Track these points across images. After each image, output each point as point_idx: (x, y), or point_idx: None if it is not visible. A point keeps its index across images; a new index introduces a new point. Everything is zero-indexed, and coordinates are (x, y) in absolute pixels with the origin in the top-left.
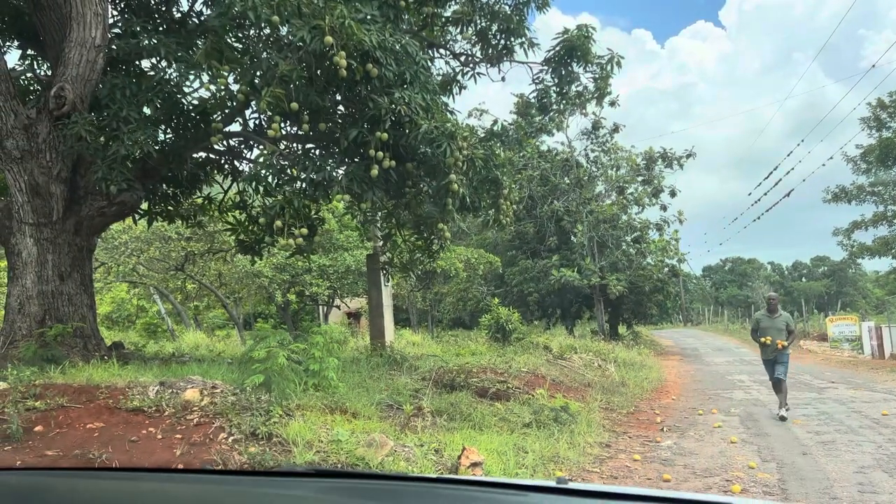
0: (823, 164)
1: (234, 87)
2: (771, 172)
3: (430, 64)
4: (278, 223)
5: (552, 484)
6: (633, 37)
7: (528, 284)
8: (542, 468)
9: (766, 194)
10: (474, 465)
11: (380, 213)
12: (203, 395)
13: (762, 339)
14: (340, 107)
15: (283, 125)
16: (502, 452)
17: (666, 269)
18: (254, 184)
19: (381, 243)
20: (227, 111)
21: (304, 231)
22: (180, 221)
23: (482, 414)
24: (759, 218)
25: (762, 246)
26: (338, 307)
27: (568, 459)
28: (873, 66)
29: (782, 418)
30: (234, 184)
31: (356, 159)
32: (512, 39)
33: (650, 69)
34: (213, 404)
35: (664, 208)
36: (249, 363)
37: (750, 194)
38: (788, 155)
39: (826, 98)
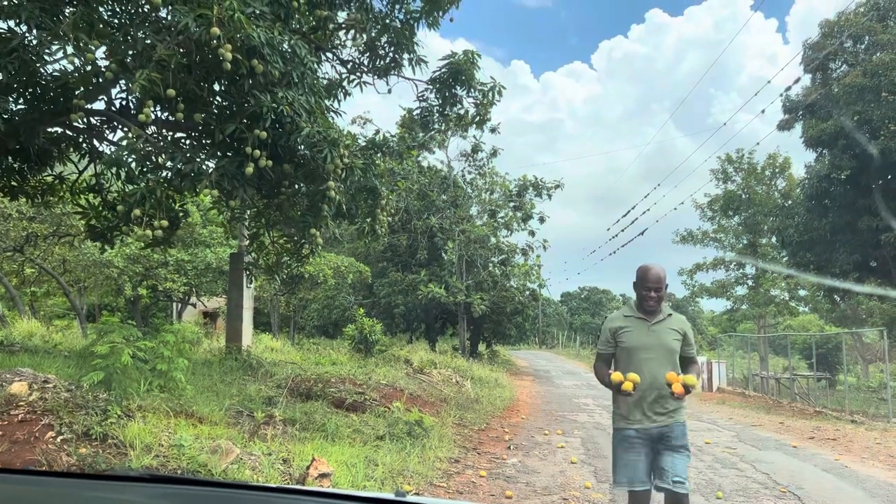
0: (675, 209)
1: (103, 63)
2: (628, 211)
3: (317, 67)
4: (137, 212)
5: (391, 496)
6: (510, 68)
7: (395, 297)
8: (391, 481)
9: (622, 231)
10: (322, 475)
11: (249, 212)
12: (32, 390)
13: (617, 381)
14: (219, 98)
15: (154, 110)
16: (352, 464)
17: (527, 292)
18: (114, 168)
19: (247, 242)
20: (91, 87)
21: (165, 223)
22: (24, 199)
23: (336, 425)
24: (615, 252)
25: (616, 278)
26: (193, 305)
27: (417, 473)
28: (724, 124)
29: None
30: (92, 165)
31: (230, 154)
32: (400, 54)
33: (523, 101)
34: (44, 400)
35: (532, 234)
36: (90, 358)
37: (608, 229)
38: (646, 197)
39: (675, 147)
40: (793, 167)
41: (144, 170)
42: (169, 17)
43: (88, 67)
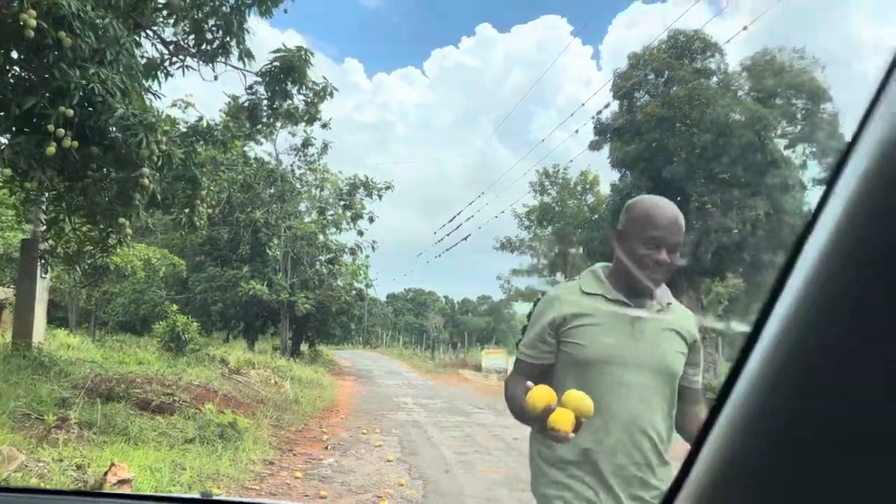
0: (496, 217)
1: None
2: (454, 217)
3: (135, 48)
4: None
5: (197, 496)
6: (343, 66)
7: (213, 293)
8: (200, 485)
9: (448, 235)
10: (122, 481)
11: (47, 195)
12: None
13: (540, 405)
14: (17, 68)
15: None
16: (157, 469)
17: (354, 292)
18: None
19: (43, 228)
20: None
21: None
22: None
23: (140, 428)
24: (440, 256)
25: (441, 282)
26: None
27: (228, 476)
28: (542, 140)
29: None
30: None
31: (27, 130)
32: (230, 40)
33: (356, 99)
34: None
35: (361, 233)
36: None
37: (435, 233)
38: (470, 204)
39: (498, 158)
40: (601, 185)
41: None
42: None
43: None
